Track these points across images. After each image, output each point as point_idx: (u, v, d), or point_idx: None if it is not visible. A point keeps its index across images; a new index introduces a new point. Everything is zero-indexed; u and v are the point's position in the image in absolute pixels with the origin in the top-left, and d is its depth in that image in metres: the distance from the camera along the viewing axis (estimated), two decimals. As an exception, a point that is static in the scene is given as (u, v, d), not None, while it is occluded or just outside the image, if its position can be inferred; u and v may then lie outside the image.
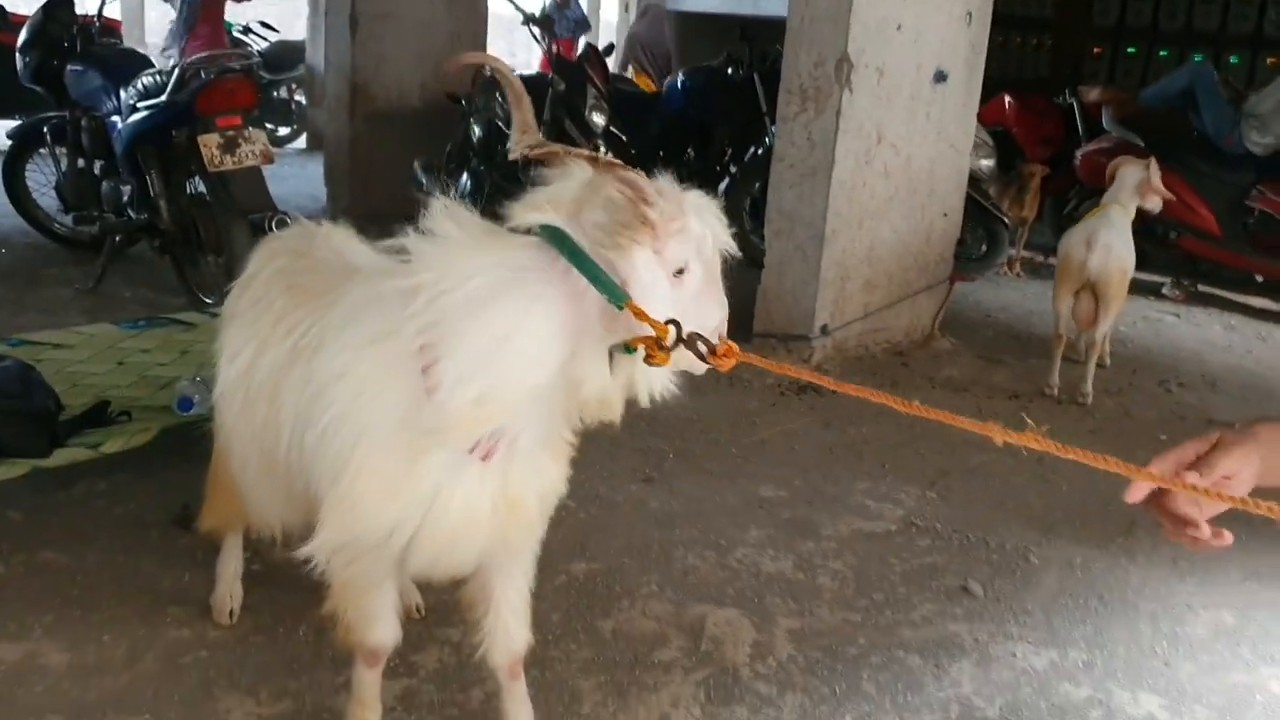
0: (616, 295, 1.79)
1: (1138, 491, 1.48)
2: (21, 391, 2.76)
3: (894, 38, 5.34)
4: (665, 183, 1.91)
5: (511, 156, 2.00)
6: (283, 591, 3.08)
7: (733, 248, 1.97)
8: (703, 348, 1.77)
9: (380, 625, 2.30)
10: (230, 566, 2.94)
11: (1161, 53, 10.72)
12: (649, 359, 1.81)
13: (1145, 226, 7.35)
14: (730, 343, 1.81)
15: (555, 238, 1.82)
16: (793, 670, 2.96)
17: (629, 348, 1.87)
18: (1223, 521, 1.47)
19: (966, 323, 6.65)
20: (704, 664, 2.95)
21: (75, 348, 3.63)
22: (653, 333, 1.77)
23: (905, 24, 5.36)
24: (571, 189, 1.86)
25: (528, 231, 1.88)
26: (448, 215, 1.92)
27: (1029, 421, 1.51)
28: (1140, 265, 6.84)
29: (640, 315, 1.77)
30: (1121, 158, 5.58)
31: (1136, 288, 6.93)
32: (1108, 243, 5.05)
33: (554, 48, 6.68)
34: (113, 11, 13.28)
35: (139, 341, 3.76)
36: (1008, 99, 8.66)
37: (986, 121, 8.14)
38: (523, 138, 2.03)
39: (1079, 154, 7.95)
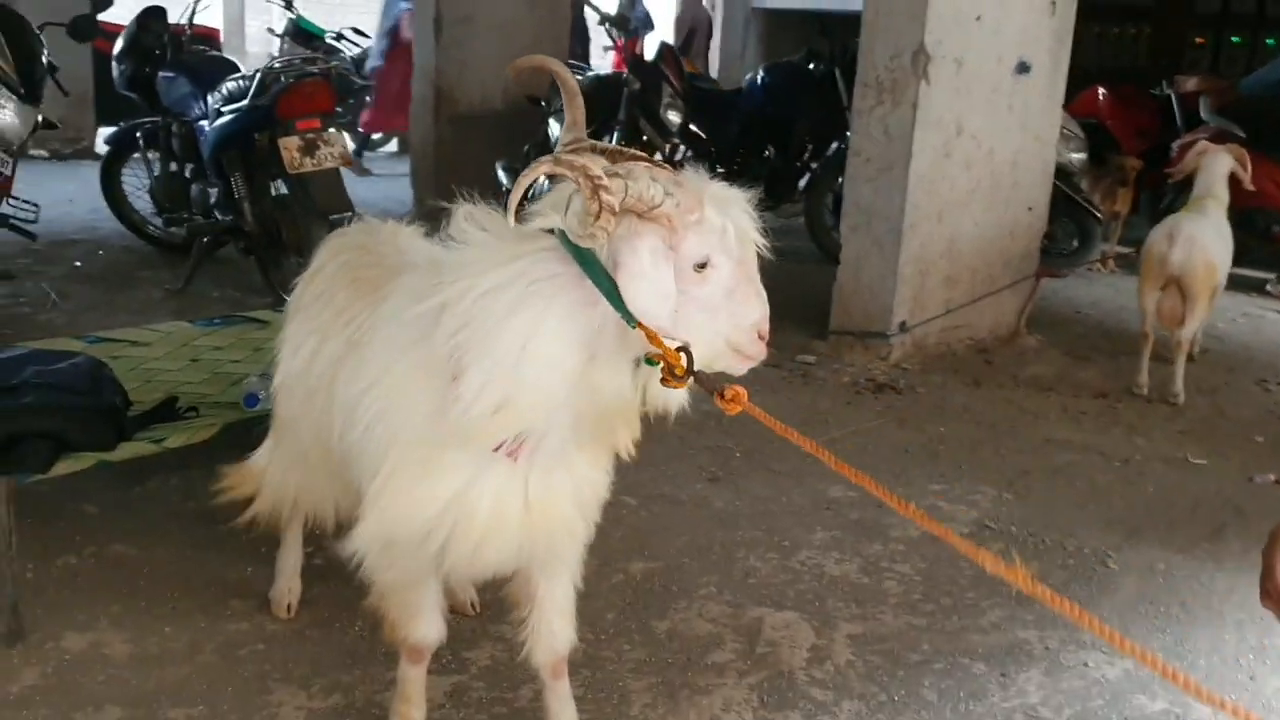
0: (628, 315, 1.79)
1: None
2: (90, 388, 2.82)
3: (973, 28, 5.21)
4: (687, 174, 1.89)
5: (555, 152, 1.99)
6: (342, 585, 3.09)
7: (760, 241, 1.93)
8: (708, 387, 1.79)
9: (423, 622, 2.32)
10: (290, 561, 2.98)
11: (1268, 41, 10.31)
12: (664, 381, 1.79)
13: (1246, 220, 7.08)
14: (739, 389, 1.79)
15: (569, 243, 1.81)
16: (850, 676, 2.90)
17: (650, 360, 1.85)
18: None
19: (1055, 319, 6.46)
20: (759, 667, 2.90)
21: (150, 345, 3.72)
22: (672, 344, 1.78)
23: (985, 14, 5.23)
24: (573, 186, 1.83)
25: (551, 232, 1.87)
26: (472, 222, 1.94)
27: (1016, 559, 1.48)
28: (1241, 260, 6.59)
29: (654, 340, 1.76)
30: (1203, 144, 5.36)
31: (1237, 283, 6.69)
32: (1191, 235, 4.84)
33: (633, 47, 6.65)
34: (214, 20, 13.73)
35: (212, 339, 3.83)
36: (1101, 90, 8.39)
37: (1079, 113, 7.91)
38: (566, 134, 2.04)
39: (1176, 146, 7.67)
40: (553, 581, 2.33)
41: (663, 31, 11.80)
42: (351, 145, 6.39)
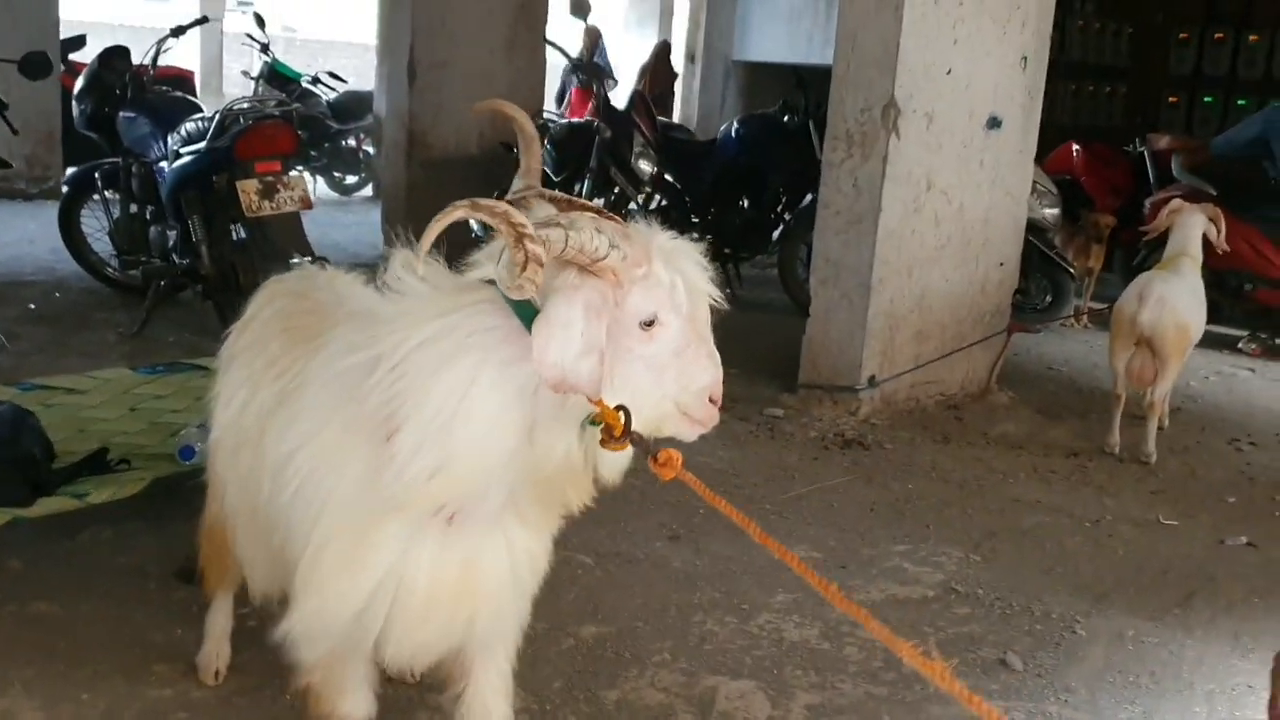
0: None
1: None
2: (9, 437, 2.70)
3: (944, 82, 5.17)
4: (638, 225, 1.79)
5: (507, 199, 1.90)
6: (273, 650, 2.96)
7: (714, 295, 1.83)
8: (643, 449, 1.72)
9: (352, 698, 2.19)
10: (219, 624, 2.83)
11: (1240, 101, 10.38)
12: (602, 443, 1.69)
13: (1218, 279, 7.05)
14: (673, 453, 1.71)
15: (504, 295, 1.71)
16: (805, 749, 2.77)
17: (594, 421, 1.74)
18: None
19: (1027, 376, 6.39)
20: (710, 740, 2.77)
21: (88, 392, 3.59)
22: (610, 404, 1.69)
23: (956, 69, 5.20)
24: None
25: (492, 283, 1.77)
26: (409, 271, 1.83)
27: (935, 653, 1.37)
28: (1214, 319, 6.54)
29: (595, 401, 1.65)
30: (1176, 202, 5.31)
31: (1211, 341, 6.64)
32: (1161, 296, 4.77)
33: (589, 97, 6.60)
34: (190, 61, 13.72)
35: (154, 387, 3.71)
36: (1075, 147, 8.41)
37: (1053, 169, 7.92)
38: (518, 181, 1.97)
39: (1149, 203, 7.65)
40: (487, 660, 2.21)
41: (625, 82, 11.83)
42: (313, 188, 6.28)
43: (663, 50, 12.48)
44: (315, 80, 11.60)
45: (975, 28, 5.25)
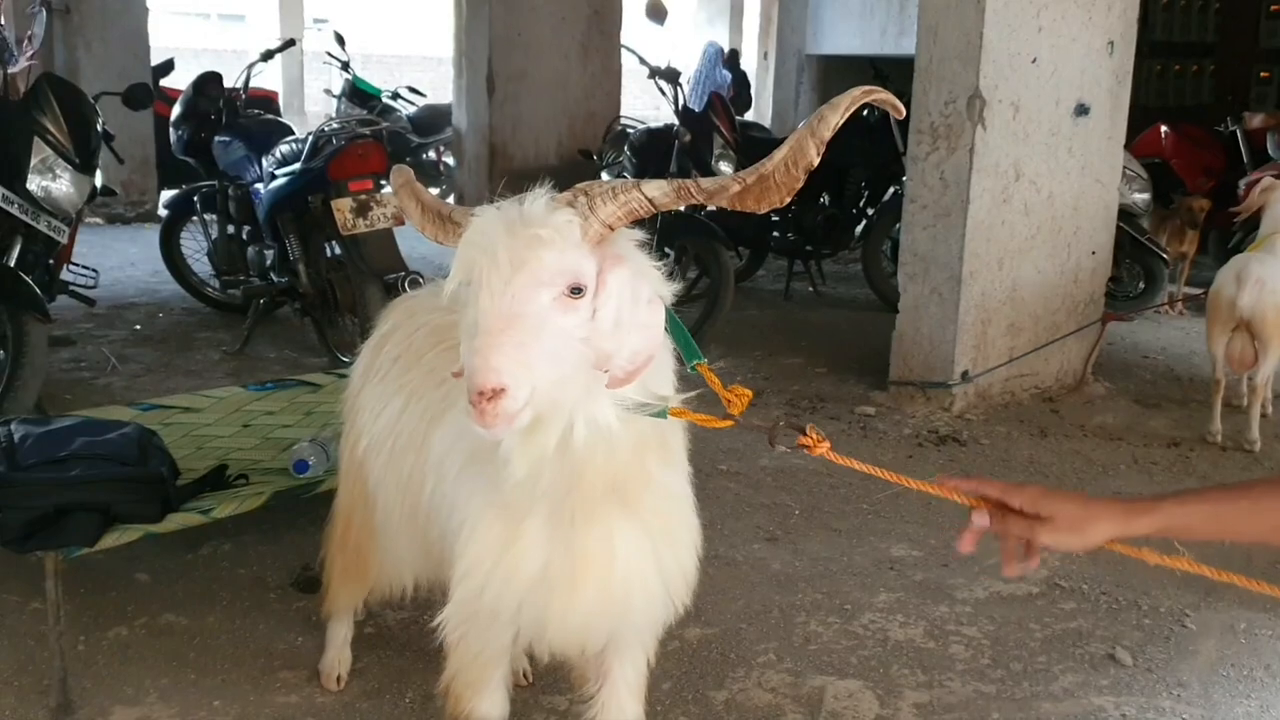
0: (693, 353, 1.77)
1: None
2: (138, 458, 2.82)
3: (1029, 72, 5.12)
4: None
5: None
6: (393, 654, 3.06)
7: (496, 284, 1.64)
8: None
9: (489, 698, 2.23)
10: (340, 632, 2.92)
11: (1336, 72, 10.07)
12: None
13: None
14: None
15: None
16: (917, 747, 2.77)
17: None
18: None
19: (1123, 365, 6.29)
20: (821, 739, 2.79)
21: (202, 411, 3.72)
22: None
23: (1041, 57, 5.14)
24: None
25: None
26: None
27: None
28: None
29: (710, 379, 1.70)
30: (1268, 180, 5.19)
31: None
32: (1260, 277, 4.66)
33: (680, 99, 6.63)
34: (273, 82, 14.04)
35: (265, 404, 3.83)
36: (1164, 129, 8.23)
37: (1141, 153, 7.76)
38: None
39: (1243, 184, 7.48)
40: (625, 658, 2.23)
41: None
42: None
43: (718, 55, 12.48)
44: (395, 95, 11.81)
45: (1059, 14, 5.19)
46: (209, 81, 6.29)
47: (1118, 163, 5.81)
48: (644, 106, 13.62)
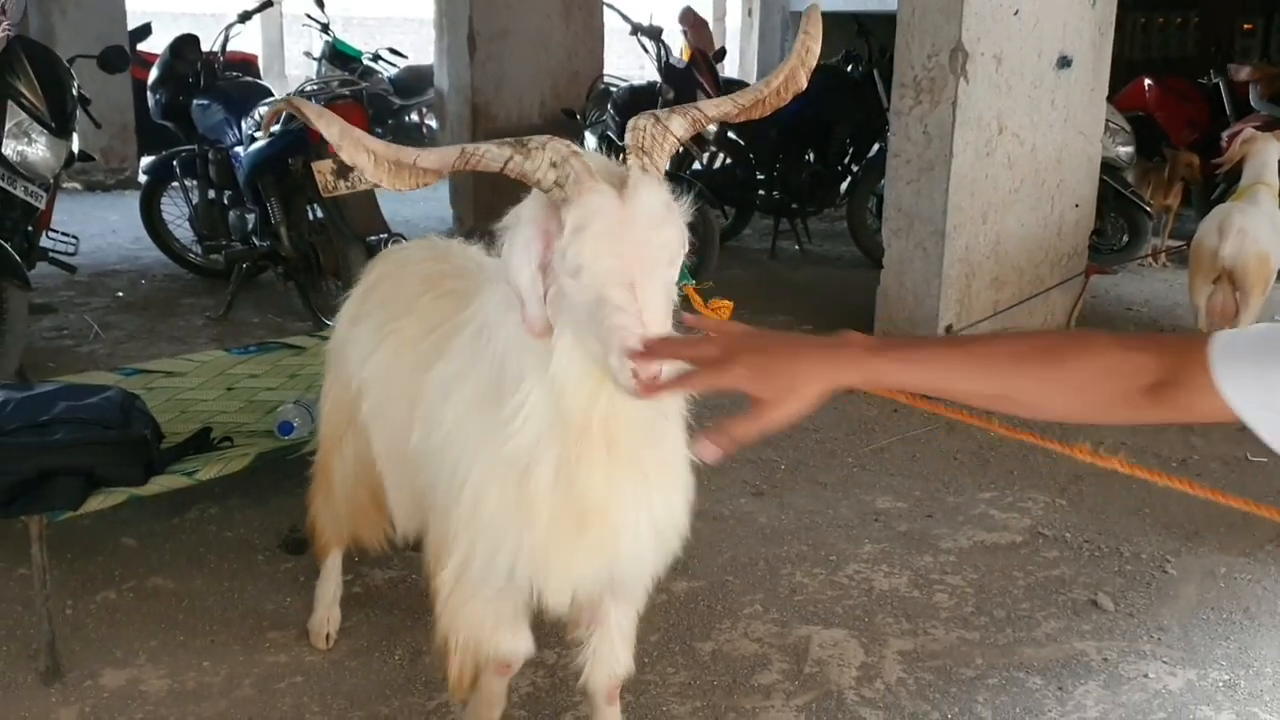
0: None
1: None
2: (121, 421, 2.81)
3: (1011, 23, 5.10)
4: (599, 170, 1.67)
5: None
6: (381, 613, 3.08)
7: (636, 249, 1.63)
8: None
9: (511, 634, 2.21)
10: (329, 590, 2.94)
11: (1320, 24, 10.05)
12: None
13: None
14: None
15: None
16: (901, 694, 2.81)
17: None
18: None
19: (1107, 317, 6.31)
20: (807, 688, 2.82)
21: (186, 375, 3.70)
22: None
23: (1023, 9, 5.12)
24: None
25: None
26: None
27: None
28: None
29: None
30: (1248, 131, 5.20)
31: (1294, 274, 6.48)
32: (1242, 227, 4.68)
33: (663, 56, 6.59)
34: (253, 45, 13.91)
35: (248, 367, 3.82)
36: (1147, 82, 8.22)
37: (1125, 106, 7.75)
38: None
39: (1225, 135, 7.48)
40: (618, 605, 2.26)
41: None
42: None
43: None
44: (376, 57, 11.74)
45: (1041, -35, 5.16)
46: (186, 44, 6.21)
47: (1100, 115, 5.80)
48: (628, 66, 13.52)
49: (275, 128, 5.21)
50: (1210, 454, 4.39)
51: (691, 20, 10.18)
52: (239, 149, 5.71)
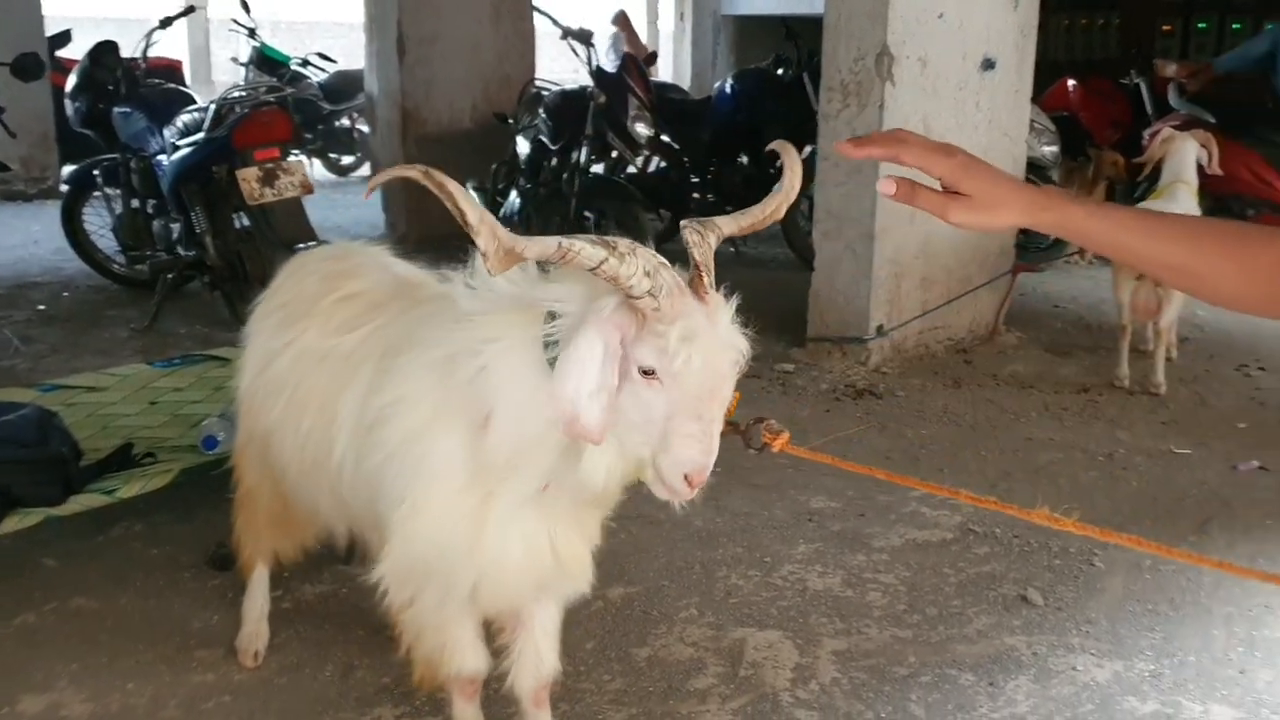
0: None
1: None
2: (38, 439, 2.75)
3: (936, 27, 5.16)
4: (679, 286, 1.75)
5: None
6: (311, 628, 3.04)
7: (723, 379, 1.75)
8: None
9: (471, 652, 2.26)
10: (256, 606, 2.89)
11: (1234, 25, 10.30)
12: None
13: (1221, 204, 7.04)
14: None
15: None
16: (835, 694, 2.82)
17: None
18: None
19: (1034, 315, 6.42)
20: (742, 691, 2.82)
21: (108, 390, 3.63)
22: None
23: (948, 12, 5.19)
24: None
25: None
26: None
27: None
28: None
29: None
30: (1167, 130, 5.33)
31: (1214, 269, 6.62)
32: (1161, 226, 4.79)
33: (593, 61, 6.58)
34: (177, 50, 13.67)
35: (172, 380, 3.75)
36: (1071, 82, 8.36)
37: (1050, 106, 7.87)
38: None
39: (1146, 134, 7.64)
40: (543, 606, 2.30)
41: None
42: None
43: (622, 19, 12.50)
44: (305, 62, 11.55)
45: (964, -31, 5.24)
46: (105, 51, 6.09)
47: (1024, 116, 5.90)
48: (561, 69, 13.50)
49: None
50: (1135, 447, 4.48)
51: (622, 22, 10.22)
52: (162, 157, 5.61)
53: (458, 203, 1.54)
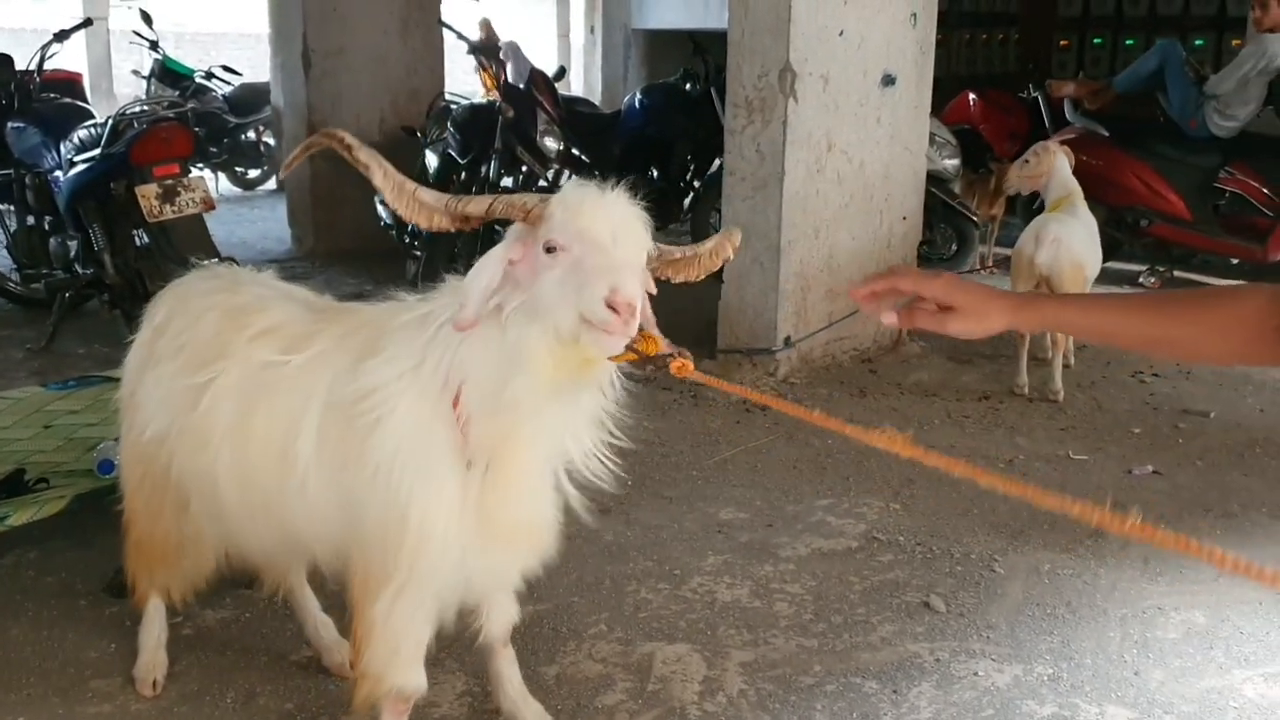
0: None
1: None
2: (-78, 467, 2.66)
3: (837, 44, 5.26)
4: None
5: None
6: (213, 655, 2.98)
7: (610, 226, 1.92)
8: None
9: (416, 670, 2.32)
10: (153, 635, 2.83)
11: (1128, 41, 10.67)
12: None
13: (1116, 215, 7.29)
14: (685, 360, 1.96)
15: None
16: (743, 706, 2.85)
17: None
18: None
19: (938, 325, 6.54)
20: (650, 706, 2.84)
21: (0, 413, 3.53)
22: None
23: (848, 30, 5.28)
24: None
25: None
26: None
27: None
28: (1113, 255, 6.75)
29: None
30: (1037, 146, 5.57)
31: (1111, 277, 6.87)
32: (1056, 236, 4.95)
33: (502, 75, 6.58)
34: (77, 63, 13.32)
35: (67, 403, 3.66)
36: (971, 96, 8.58)
37: (951, 120, 8.07)
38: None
39: (1030, 152, 7.85)
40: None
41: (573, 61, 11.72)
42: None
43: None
44: (209, 75, 11.36)
45: (864, -13, 5.34)
46: (-3, 64, 5.94)
47: (925, 130, 6.03)
48: (472, 84, 13.44)
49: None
50: (1034, 453, 4.60)
51: (486, 30, 10.28)
52: (58, 173, 5.47)
53: (355, 154, 1.84)
